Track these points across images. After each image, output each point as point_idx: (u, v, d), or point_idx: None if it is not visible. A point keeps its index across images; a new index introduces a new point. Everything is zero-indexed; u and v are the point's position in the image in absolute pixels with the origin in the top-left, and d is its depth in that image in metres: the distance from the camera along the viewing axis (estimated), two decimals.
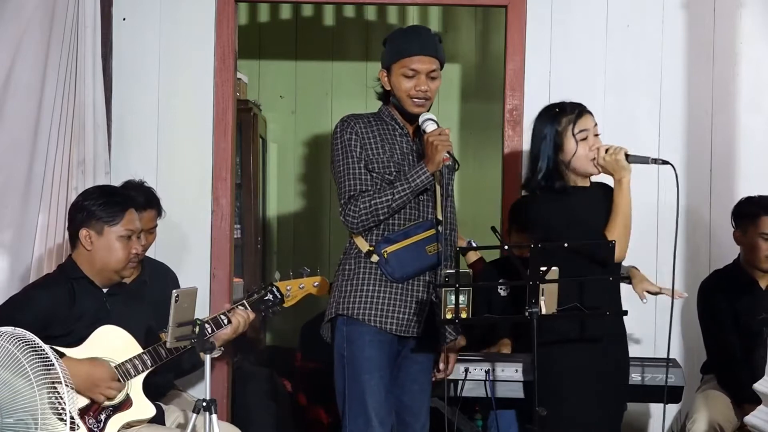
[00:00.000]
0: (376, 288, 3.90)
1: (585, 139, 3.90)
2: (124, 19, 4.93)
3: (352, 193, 3.88)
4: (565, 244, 3.67)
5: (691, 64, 4.97)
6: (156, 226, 4.45)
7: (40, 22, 4.71)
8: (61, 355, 3.65)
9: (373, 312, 3.88)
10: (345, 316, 3.90)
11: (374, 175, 3.91)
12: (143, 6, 4.93)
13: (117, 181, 4.59)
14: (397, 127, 4.00)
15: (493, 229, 4.79)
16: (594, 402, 3.82)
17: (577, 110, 3.95)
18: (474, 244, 4.89)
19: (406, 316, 3.91)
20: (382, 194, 3.85)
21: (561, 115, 3.94)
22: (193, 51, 4.94)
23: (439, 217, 3.94)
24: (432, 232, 3.92)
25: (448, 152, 3.81)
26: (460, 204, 6.92)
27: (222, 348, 4.00)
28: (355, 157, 3.91)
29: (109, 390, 3.74)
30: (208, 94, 4.94)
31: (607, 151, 3.87)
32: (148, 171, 4.78)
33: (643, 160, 3.90)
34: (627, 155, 3.87)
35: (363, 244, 3.92)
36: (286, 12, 7.00)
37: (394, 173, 3.91)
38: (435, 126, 3.90)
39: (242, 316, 4.02)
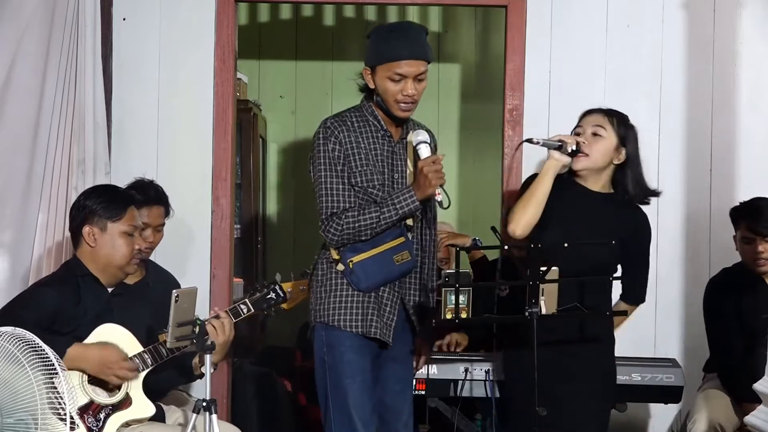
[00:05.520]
0: (349, 293, 3.82)
1: (579, 135, 3.90)
2: (124, 19, 4.93)
3: (334, 210, 3.78)
4: (565, 244, 3.66)
5: (691, 64, 4.97)
6: (164, 224, 4.41)
7: (40, 22, 4.71)
8: (71, 343, 3.66)
9: (349, 318, 3.81)
10: (323, 323, 3.84)
11: (357, 189, 3.81)
12: (143, 6, 4.93)
13: (117, 181, 4.59)
14: (379, 127, 3.89)
15: (493, 229, 4.79)
16: (561, 402, 3.74)
17: (588, 111, 3.96)
18: (480, 243, 4.89)
19: (383, 321, 3.83)
20: (367, 215, 3.75)
21: (582, 117, 3.98)
22: (193, 51, 4.94)
23: (410, 223, 3.87)
24: (401, 240, 3.83)
25: (441, 186, 3.72)
26: (460, 204, 7.01)
27: (215, 367, 3.83)
28: (338, 171, 3.79)
29: (122, 371, 3.73)
30: (208, 94, 4.94)
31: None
32: (148, 171, 4.76)
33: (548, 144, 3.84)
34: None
35: (333, 251, 3.84)
36: (286, 12, 7.00)
37: (378, 186, 3.82)
38: (429, 151, 3.79)
39: (217, 325, 3.84)
